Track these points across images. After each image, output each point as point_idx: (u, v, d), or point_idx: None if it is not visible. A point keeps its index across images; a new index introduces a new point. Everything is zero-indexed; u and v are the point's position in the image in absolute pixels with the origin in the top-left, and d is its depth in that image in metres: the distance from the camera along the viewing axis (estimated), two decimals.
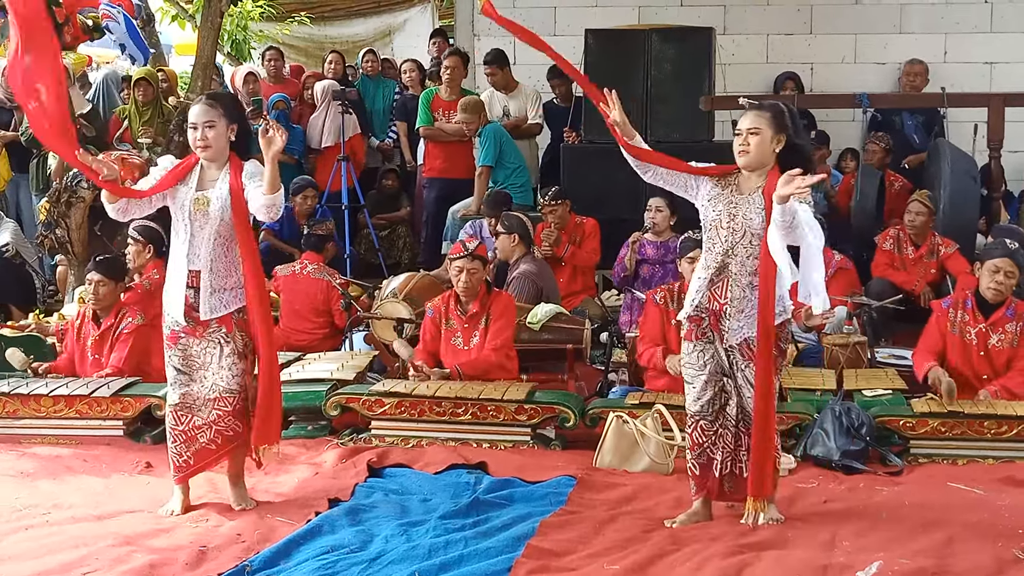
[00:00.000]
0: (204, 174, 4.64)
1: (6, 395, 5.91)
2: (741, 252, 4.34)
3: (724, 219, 4.35)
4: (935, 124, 9.22)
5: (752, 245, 4.31)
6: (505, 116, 9.58)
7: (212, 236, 4.59)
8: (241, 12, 13.48)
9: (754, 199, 4.32)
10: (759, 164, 4.33)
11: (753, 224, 4.30)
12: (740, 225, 4.33)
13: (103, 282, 6.32)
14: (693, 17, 10.09)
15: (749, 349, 4.36)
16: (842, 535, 4.31)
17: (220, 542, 4.37)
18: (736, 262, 4.35)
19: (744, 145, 4.32)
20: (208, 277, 4.60)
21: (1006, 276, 5.75)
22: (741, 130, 4.35)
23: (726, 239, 4.35)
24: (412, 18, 14.16)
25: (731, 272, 4.36)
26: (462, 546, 4.21)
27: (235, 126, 4.65)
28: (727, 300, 4.36)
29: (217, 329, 4.65)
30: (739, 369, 4.40)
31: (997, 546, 4.17)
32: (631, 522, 4.50)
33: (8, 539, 4.43)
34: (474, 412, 5.61)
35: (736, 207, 4.34)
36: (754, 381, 4.34)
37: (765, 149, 4.31)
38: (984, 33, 10.25)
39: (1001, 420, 5.28)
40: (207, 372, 4.66)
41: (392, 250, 9.91)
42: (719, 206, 4.37)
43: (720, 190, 4.39)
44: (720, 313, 4.38)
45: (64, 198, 7.85)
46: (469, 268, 6.08)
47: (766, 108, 4.38)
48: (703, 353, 4.43)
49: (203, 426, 4.67)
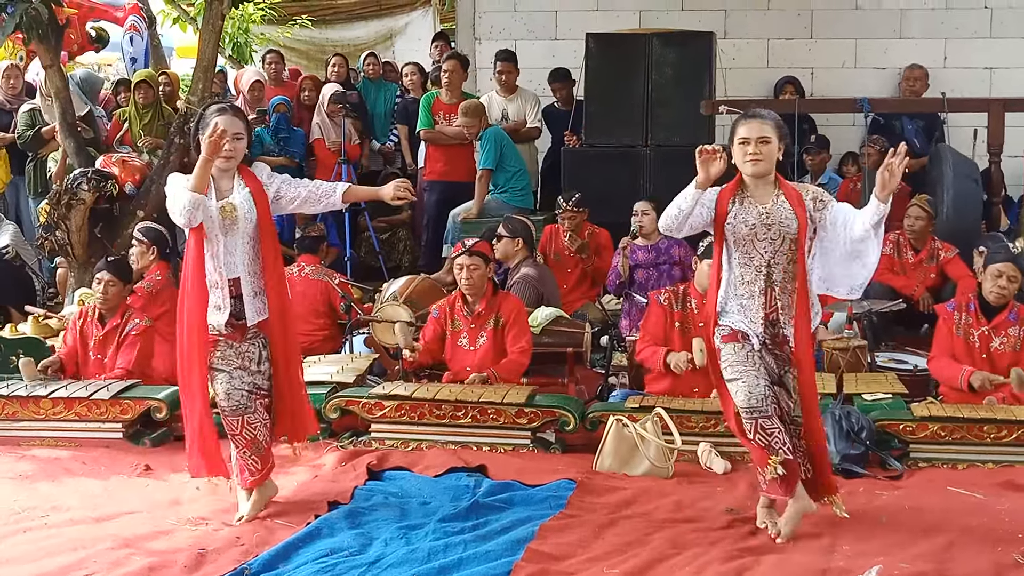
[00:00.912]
0: (218, 183, 4.65)
1: (5, 397, 5.90)
2: (782, 259, 4.34)
3: (761, 231, 4.33)
4: (935, 129, 9.24)
5: (792, 251, 4.33)
6: (504, 119, 9.58)
7: (244, 241, 4.63)
8: (242, 15, 13.50)
9: (783, 206, 4.33)
10: (767, 172, 4.35)
11: (791, 230, 4.31)
12: (778, 233, 4.32)
13: (112, 282, 6.32)
14: (694, 21, 10.11)
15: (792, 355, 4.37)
16: (841, 539, 4.31)
17: (219, 545, 4.37)
18: (778, 270, 4.35)
19: (756, 154, 4.31)
20: (248, 281, 4.66)
21: (1009, 280, 5.81)
22: (750, 139, 4.32)
23: (765, 250, 4.34)
24: (413, 21, 14.18)
25: (775, 281, 4.35)
26: (461, 549, 4.21)
27: (248, 139, 4.76)
28: (778, 308, 4.36)
29: (256, 335, 4.71)
30: (785, 374, 4.39)
31: (997, 550, 4.17)
32: (631, 526, 4.49)
33: (6, 541, 4.43)
34: (474, 415, 5.61)
35: (770, 217, 4.33)
36: (800, 387, 4.36)
37: (773, 157, 4.34)
38: (984, 38, 10.27)
39: (1001, 424, 5.27)
40: (245, 372, 4.71)
41: (392, 253, 9.91)
42: (750, 219, 4.34)
43: (740, 204, 4.37)
44: (771, 321, 4.36)
45: (64, 200, 7.85)
46: (468, 264, 6.09)
47: (768, 117, 4.37)
48: (749, 352, 4.36)
49: (256, 423, 4.71)
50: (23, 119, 9.38)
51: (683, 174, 4.41)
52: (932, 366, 6.00)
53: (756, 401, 4.31)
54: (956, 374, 5.76)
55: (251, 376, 4.71)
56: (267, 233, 4.67)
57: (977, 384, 5.65)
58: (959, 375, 5.73)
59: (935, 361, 5.96)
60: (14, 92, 9.80)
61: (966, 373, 5.71)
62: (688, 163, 4.52)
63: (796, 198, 4.34)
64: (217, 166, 4.62)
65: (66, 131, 8.41)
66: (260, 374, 4.73)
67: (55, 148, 9.21)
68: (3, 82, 9.78)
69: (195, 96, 8.22)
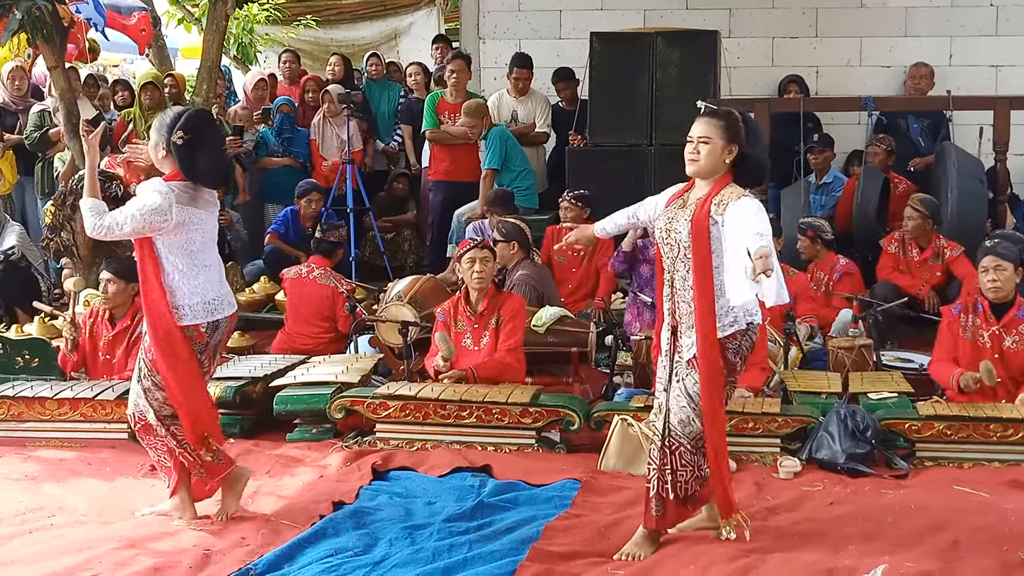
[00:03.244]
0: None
1: (11, 398, 5.92)
2: (681, 267, 4.19)
3: (663, 235, 4.23)
4: (941, 127, 9.22)
5: (687, 258, 4.14)
6: (513, 121, 9.58)
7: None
8: (247, 15, 13.53)
9: (686, 212, 4.17)
10: (709, 173, 4.18)
11: (683, 238, 4.14)
12: (675, 240, 4.19)
13: (112, 281, 6.32)
14: (698, 20, 10.10)
15: (695, 362, 4.16)
16: (847, 538, 4.30)
17: (224, 545, 4.37)
18: (679, 278, 4.20)
19: (693, 154, 4.18)
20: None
21: (995, 271, 5.79)
22: (692, 137, 4.18)
23: (667, 255, 4.23)
24: (418, 21, 14.18)
25: (676, 289, 4.22)
26: (466, 549, 4.21)
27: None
28: (678, 318, 4.22)
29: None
30: (680, 380, 4.18)
31: (1003, 550, 4.16)
32: (636, 525, 4.47)
33: (12, 542, 4.44)
34: (479, 415, 5.60)
35: (672, 222, 4.20)
36: (700, 395, 4.12)
37: (715, 159, 4.14)
38: (990, 36, 10.23)
39: (1007, 423, 5.26)
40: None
41: (397, 253, 9.91)
42: (660, 222, 4.25)
43: (665, 207, 4.28)
44: (674, 329, 4.24)
45: (69, 201, 7.85)
46: (480, 257, 6.09)
47: (719, 116, 4.18)
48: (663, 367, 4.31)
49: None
50: (33, 120, 9.39)
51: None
52: (931, 369, 5.99)
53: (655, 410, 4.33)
54: (947, 377, 5.75)
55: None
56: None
57: (963, 385, 5.63)
58: (950, 379, 5.72)
59: (934, 365, 5.95)
60: (19, 93, 9.81)
61: (955, 375, 5.69)
62: None
63: (705, 202, 4.11)
64: None
65: (71, 132, 8.42)
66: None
67: (62, 149, 9.23)
68: (9, 83, 9.79)
69: (199, 97, 8.23)
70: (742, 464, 5.28)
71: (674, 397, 4.19)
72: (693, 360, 4.14)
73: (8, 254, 8.30)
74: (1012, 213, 8.86)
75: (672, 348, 4.25)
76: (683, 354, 4.18)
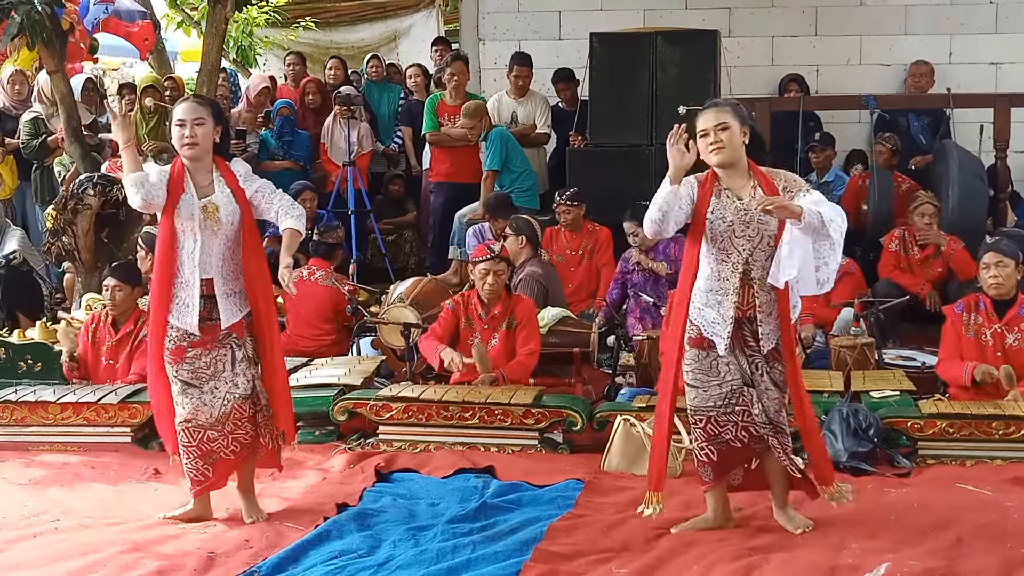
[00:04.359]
0: (195, 178, 4.57)
1: (14, 403, 5.92)
2: (760, 256, 4.27)
3: (739, 228, 4.26)
4: (941, 125, 9.22)
5: (770, 247, 4.25)
6: (513, 123, 9.58)
7: (223, 242, 4.56)
8: (246, 18, 13.51)
9: (752, 202, 4.24)
10: (733, 159, 4.26)
11: (770, 227, 4.24)
12: (756, 231, 4.26)
13: (119, 287, 6.32)
14: (698, 20, 10.11)
15: (777, 352, 4.32)
16: (850, 537, 4.31)
17: (228, 548, 4.38)
18: (757, 267, 4.27)
19: (717, 142, 4.23)
20: (221, 283, 4.57)
21: (996, 267, 5.83)
22: (708, 129, 4.23)
23: (743, 247, 4.27)
24: (417, 23, 14.16)
25: (754, 278, 4.28)
26: (470, 550, 4.22)
27: (220, 128, 4.63)
28: (754, 306, 4.28)
29: (227, 336, 4.61)
30: (764, 373, 4.32)
31: (1006, 547, 4.17)
32: (639, 525, 4.48)
33: (17, 546, 4.44)
34: (481, 416, 5.61)
35: (748, 213, 4.25)
36: (786, 382, 4.33)
37: (736, 143, 4.25)
38: (990, 34, 10.23)
39: (1009, 421, 5.26)
40: (219, 382, 4.60)
41: (399, 255, 9.92)
42: (728, 216, 4.27)
43: (718, 198, 4.30)
44: (745, 319, 4.30)
45: (71, 205, 7.86)
46: (495, 270, 6.11)
47: (723, 104, 4.33)
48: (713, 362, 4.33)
49: (219, 438, 4.62)
50: (26, 128, 9.36)
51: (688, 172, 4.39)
52: (940, 370, 5.99)
53: (710, 403, 4.35)
54: (960, 372, 5.76)
55: (226, 384, 4.61)
56: (250, 233, 4.61)
57: (979, 377, 5.65)
58: (963, 372, 5.73)
59: (942, 364, 5.96)
60: (20, 98, 9.82)
61: (969, 368, 5.71)
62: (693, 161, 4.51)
63: (771, 189, 4.25)
64: (184, 156, 4.57)
65: (72, 136, 8.43)
66: (238, 376, 4.62)
67: (60, 154, 9.24)
68: (9, 88, 9.80)
69: None
70: None
71: (764, 392, 4.32)
72: (773, 352, 4.30)
73: (9, 259, 8.31)
74: (1013, 211, 8.87)
75: (740, 341, 4.31)
76: (763, 345, 4.30)
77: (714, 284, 4.32)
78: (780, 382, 4.33)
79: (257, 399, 4.69)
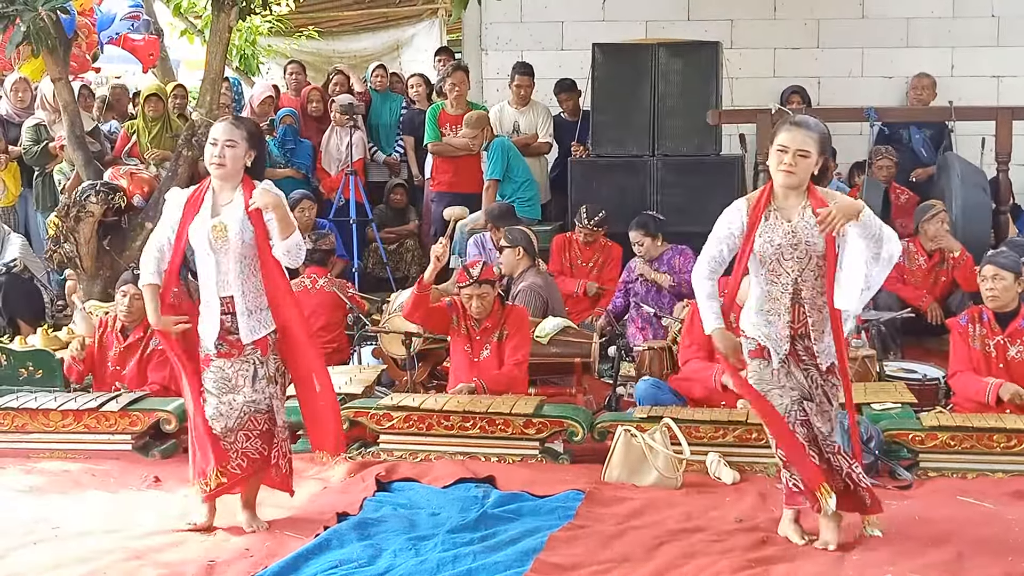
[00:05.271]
0: (217, 197, 4.61)
1: (15, 410, 5.92)
2: (810, 276, 4.28)
3: (787, 250, 4.27)
4: (943, 138, 9.24)
5: (820, 267, 4.27)
6: (515, 132, 9.59)
7: (238, 259, 4.56)
8: (250, 27, 13.53)
9: (809, 222, 4.24)
10: (798, 184, 4.26)
11: (818, 248, 4.25)
12: (805, 252, 4.26)
13: (138, 295, 6.27)
14: (700, 31, 10.13)
15: (834, 368, 4.35)
16: (851, 549, 4.30)
17: (228, 556, 4.38)
18: (807, 287, 4.29)
19: (791, 166, 4.20)
20: (242, 300, 4.57)
21: (994, 280, 5.84)
22: (788, 148, 4.21)
23: (791, 268, 4.28)
24: (420, 33, 14.19)
25: (804, 298, 4.29)
26: (470, 560, 4.21)
27: (253, 153, 4.63)
28: (806, 324, 4.30)
29: (253, 352, 4.61)
30: (819, 388, 4.34)
31: (1007, 560, 4.17)
32: (640, 536, 4.49)
33: (17, 554, 4.44)
34: (482, 426, 5.61)
35: (796, 235, 4.26)
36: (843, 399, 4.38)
37: (808, 171, 4.25)
38: (991, 47, 10.26)
39: (1010, 434, 5.26)
40: (237, 395, 4.60)
41: (400, 264, 9.92)
42: (776, 239, 4.27)
43: (767, 220, 4.30)
44: (799, 336, 4.32)
45: (73, 213, 7.86)
46: (478, 294, 6.09)
47: (814, 129, 4.24)
48: (775, 370, 4.34)
49: (229, 449, 4.63)
50: (28, 134, 9.36)
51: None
52: (955, 383, 5.97)
53: (782, 412, 4.33)
54: (983, 388, 5.70)
55: (243, 398, 4.61)
56: (266, 253, 4.58)
57: (1007, 397, 5.61)
58: (986, 389, 5.68)
59: (958, 377, 5.92)
60: (23, 105, 9.82)
61: (994, 386, 5.66)
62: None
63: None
64: (213, 175, 4.60)
65: (75, 144, 8.42)
66: (257, 393, 4.62)
67: (61, 161, 9.24)
68: (12, 95, 9.80)
69: (203, 108, 8.24)
70: (746, 475, 5.28)
71: (820, 409, 4.34)
72: (832, 367, 4.34)
73: (11, 266, 8.31)
74: (1014, 223, 8.87)
75: (795, 356, 4.33)
76: (820, 361, 4.32)
77: (766, 305, 4.35)
78: (834, 399, 4.36)
79: (273, 418, 4.69)
